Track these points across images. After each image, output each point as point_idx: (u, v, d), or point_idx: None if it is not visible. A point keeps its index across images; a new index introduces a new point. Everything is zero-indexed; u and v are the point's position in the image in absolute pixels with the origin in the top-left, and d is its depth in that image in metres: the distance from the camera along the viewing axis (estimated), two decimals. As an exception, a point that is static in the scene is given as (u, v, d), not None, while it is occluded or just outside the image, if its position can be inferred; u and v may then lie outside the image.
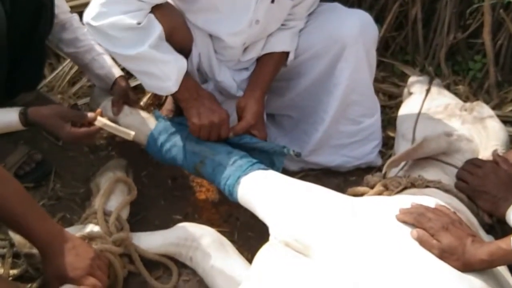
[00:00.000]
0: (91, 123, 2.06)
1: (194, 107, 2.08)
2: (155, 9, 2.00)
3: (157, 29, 1.98)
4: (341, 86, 2.32)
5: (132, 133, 2.08)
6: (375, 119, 2.49)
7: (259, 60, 2.30)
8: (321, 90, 2.36)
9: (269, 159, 2.09)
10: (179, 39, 2.11)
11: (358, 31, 2.26)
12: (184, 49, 2.14)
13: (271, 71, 2.28)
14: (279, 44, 2.28)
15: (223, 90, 2.30)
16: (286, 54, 2.31)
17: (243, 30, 2.13)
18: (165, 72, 2.02)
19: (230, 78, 2.29)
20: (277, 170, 2.01)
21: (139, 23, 1.94)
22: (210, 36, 2.19)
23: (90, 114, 2.07)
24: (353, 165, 2.50)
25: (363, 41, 2.27)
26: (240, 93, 2.28)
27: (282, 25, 2.26)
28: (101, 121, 2.08)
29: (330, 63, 2.31)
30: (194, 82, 2.14)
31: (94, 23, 1.95)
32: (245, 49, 2.26)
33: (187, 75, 2.08)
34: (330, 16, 2.30)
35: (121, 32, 1.95)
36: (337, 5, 2.39)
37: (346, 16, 2.29)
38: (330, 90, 2.34)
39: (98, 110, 2.10)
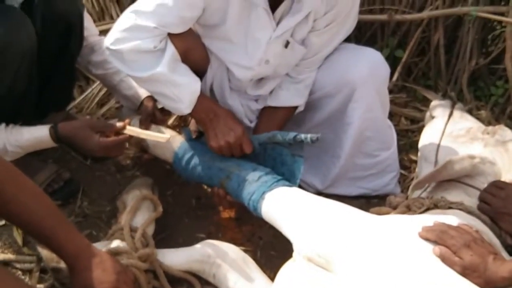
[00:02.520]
0: (120, 133, 2.10)
1: (211, 129, 2.11)
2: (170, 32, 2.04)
3: (170, 50, 2.02)
4: (354, 125, 2.33)
5: (168, 136, 2.09)
6: (392, 151, 2.49)
7: (267, 111, 2.33)
8: (336, 125, 2.37)
9: (290, 170, 2.07)
10: (195, 59, 2.15)
11: (368, 72, 2.25)
12: (199, 69, 2.18)
13: (279, 123, 2.31)
14: (289, 99, 2.30)
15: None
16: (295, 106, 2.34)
17: (252, 66, 2.16)
18: (177, 95, 2.05)
19: (239, 104, 2.32)
20: (296, 180, 2.02)
21: (155, 47, 1.98)
22: None
23: (119, 124, 2.11)
24: (371, 195, 2.51)
25: (373, 82, 2.27)
26: (246, 122, 2.32)
27: (294, 77, 2.29)
28: (130, 129, 2.10)
29: (342, 103, 2.32)
30: (210, 102, 2.15)
31: (112, 47, 2.00)
32: (255, 84, 2.28)
33: (203, 95, 2.11)
34: (342, 56, 2.29)
35: (137, 56, 1.99)
36: (348, 44, 2.39)
37: (356, 57, 2.29)
38: (344, 127, 2.35)
39: (127, 120, 2.14)
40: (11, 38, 1.96)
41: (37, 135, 2.07)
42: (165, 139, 2.09)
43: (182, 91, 2.05)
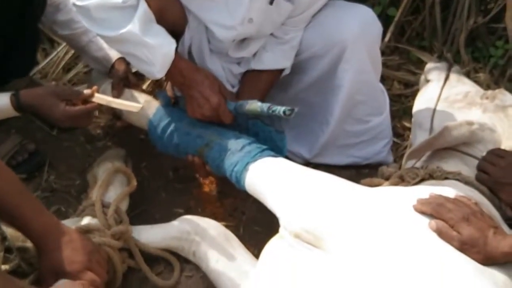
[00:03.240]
0: (88, 101, 2.06)
1: (188, 95, 2.10)
2: None
3: (142, 8, 1.97)
4: (344, 87, 2.32)
5: (140, 105, 2.07)
6: (384, 117, 2.50)
7: (250, 75, 2.31)
8: (325, 88, 2.37)
9: (274, 146, 2.07)
10: (171, 18, 2.11)
11: (359, 31, 2.24)
12: (176, 30, 2.14)
13: (263, 88, 2.30)
14: (274, 62, 2.29)
15: None
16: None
17: (234, 26, 2.12)
18: (149, 57, 2.01)
19: (220, 68, 2.29)
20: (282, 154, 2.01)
21: (124, 2, 1.94)
22: None
23: (87, 91, 2.07)
24: (362, 165, 2.51)
25: (364, 41, 2.26)
26: (228, 86, 2.29)
27: (279, 37, 2.26)
28: (99, 97, 2.07)
29: (331, 64, 2.31)
30: (187, 65, 2.12)
31: (79, 3, 1.96)
32: (237, 45, 2.25)
33: (179, 57, 2.07)
34: (330, 14, 2.27)
35: (106, 13, 1.96)
36: (337, 1, 2.35)
37: (346, 14, 2.27)
38: (334, 91, 2.34)
39: (95, 87, 2.11)
40: None
41: None
42: (137, 108, 2.07)
43: (154, 53, 2.00)
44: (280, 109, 1.95)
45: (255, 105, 2.03)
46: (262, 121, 2.08)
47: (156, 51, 2.00)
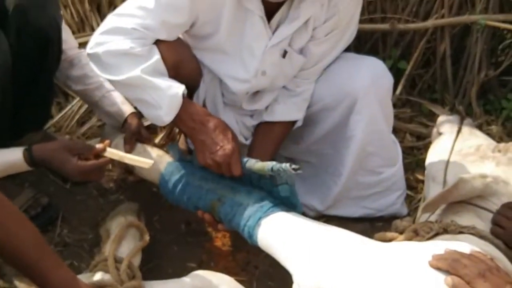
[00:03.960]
0: (100, 156, 2.07)
1: (198, 141, 2.06)
2: (161, 42, 2.04)
3: (154, 58, 2.01)
4: (356, 138, 2.32)
5: (151, 161, 2.05)
6: (397, 168, 2.49)
7: (263, 127, 2.32)
8: (337, 140, 2.37)
9: (285, 202, 2.04)
10: (187, 72, 2.14)
11: (370, 82, 2.25)
12: (191, 84, 2.17)
13: (276, 140, 2.31)
14: (286, 114, 2.30)
15: None
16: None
17: (248, 79, 2.15)
18: (156, 100, 2.01)
19: (233, 120, 2.31)
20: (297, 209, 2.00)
21: (131, 48, 1.97)
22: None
23: (98, 145, 2.07)
24: (375, 217, 2.50)
25: (375, 93, 2.27)
26: (241, 139, 2.30)
27: (291, 90, 2.29)
28: (111, 152, 2.08)
29: (343, 116, 2.32)
30: (197, 109, 2.08)
31: (90, 51, 2.02)
32: (250, 98, 2.28)
33: (189, 102, 2.07)
34: (341, 66, 2.30)
35: (115, 58, 2.00)
36: (348, 54, 2.38)
37: (356, 66, 2.29)
38: (346, 142, 2.35)
39: (107, 141, 2.12)
40: None
41: (10, 158, 2.02)
42: (149, 165, 2.05)
43: (162, 95, 2.00)
44: (286, 165, 1.91)
45: (261, 164, 1.99)
46: (271, 181, 2.02)
47: (163, 93, 2.00)
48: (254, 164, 2.00)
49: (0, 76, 2.03)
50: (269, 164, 1.95)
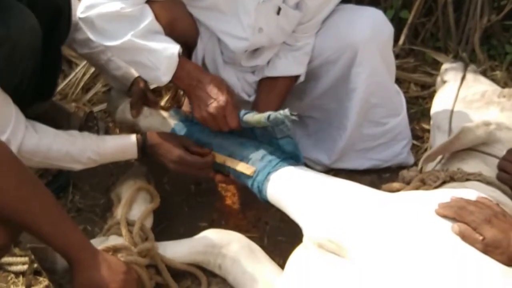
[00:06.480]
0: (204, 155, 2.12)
1: (194, 98, 2.08)
2: (153, 1, 2.02)
3: (147, 18, 1.99)
4: (359, 90, 2.32)
5: (254, 168, 2.02)
6: (401, 118, 2.50)
7: (266, 82, 2.32)
8: (340, 93, 2.37)
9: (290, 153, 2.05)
10: (182, 30, 2.13)
11: (370, 33, 2.24)
12: (188, 42, 2.17)
13: (279, 95, 2.31)
14: (287, 68, 2.29)
15: None
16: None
17: (246, 37, 2.13)
18: (153, 62, 2.01)
19: (235, 78, 2.30)
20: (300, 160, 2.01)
21: (122, 8, 1.95)
22: None
23: (207, 150, 2.14)
24: (382, 167, 2.52)
25: (376, 43, 2.26)
26: (244, 96, 2.31)
27: (292, 45, 2.27)
28: (216, 154, 2.12)
29: (344, 69, 2.31)
30: (194, 67, 2.09)
31: (82, 15, 1.99)
32: (249, 55, 2.26)
33: (185, 60, 2.07)
34: (340, 18, 2.28)
35: (108, 23, 1.98)
36: (347, 5, 2.37)
37: (356, 18, 2.27)
38: (349, 95, 2.35)
39: (212, 152, 2.14)
40: (19, 36, 1.93)
41: (124, 142, 2.13)
42: (251, 172, 2.02)
43: (158, 56, 2.00)
44: (281, 112, 1.92)
45: (258, 115, 2.00)
46: (271, 133, 2.04)
47: (160, 55, 2.00)
48: (252, 116, 2.01)
49: (34, 53, 2.03)
50: (265, 114, 1.96)
